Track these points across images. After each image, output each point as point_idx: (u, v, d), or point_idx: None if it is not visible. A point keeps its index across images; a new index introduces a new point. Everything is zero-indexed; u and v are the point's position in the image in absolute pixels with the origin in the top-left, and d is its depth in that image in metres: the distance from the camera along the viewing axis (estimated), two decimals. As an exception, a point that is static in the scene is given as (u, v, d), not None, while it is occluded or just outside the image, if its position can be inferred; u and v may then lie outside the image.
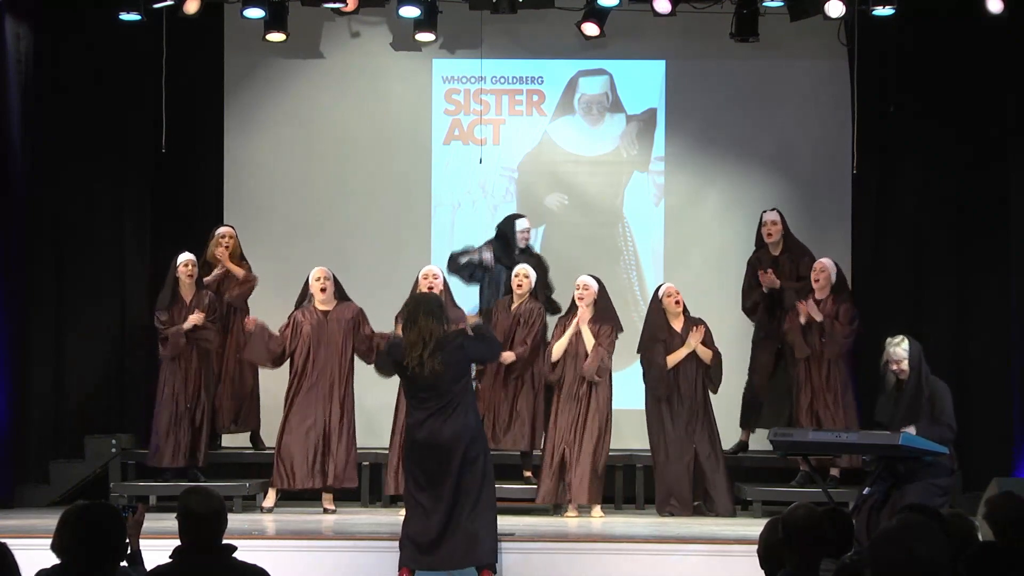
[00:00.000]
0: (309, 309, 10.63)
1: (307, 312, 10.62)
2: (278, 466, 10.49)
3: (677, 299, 10.76)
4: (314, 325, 10.54)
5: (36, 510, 10.77)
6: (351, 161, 12.53)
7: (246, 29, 11.81)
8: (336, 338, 10.54)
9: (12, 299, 11.13)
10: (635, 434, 11.53)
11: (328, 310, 10.61)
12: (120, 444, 11.28)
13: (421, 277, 10.62)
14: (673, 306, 10.75)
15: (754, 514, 10.53)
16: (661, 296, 10.84)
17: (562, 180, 12.57)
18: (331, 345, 10.53)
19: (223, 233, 11.38)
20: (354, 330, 10.57)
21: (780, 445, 9.44)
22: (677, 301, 10.76)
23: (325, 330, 10.54)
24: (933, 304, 11.77)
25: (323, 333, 10.53)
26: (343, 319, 10.58)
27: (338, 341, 10.54)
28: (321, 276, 10.62)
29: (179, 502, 5.21)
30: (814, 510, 5.26)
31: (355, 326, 10.58)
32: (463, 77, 12.55)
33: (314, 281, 10.62)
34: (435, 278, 10.58)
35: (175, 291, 10.95)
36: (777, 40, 11.91)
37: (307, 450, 10.46)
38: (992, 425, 11.28)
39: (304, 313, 10.62)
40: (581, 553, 8.97)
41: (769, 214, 11.45)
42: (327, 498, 10.59)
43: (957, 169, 11.80)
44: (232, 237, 11.38)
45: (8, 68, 11.11)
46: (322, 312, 10.60)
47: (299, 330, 10.54)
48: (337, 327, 10.55)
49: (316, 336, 10.52)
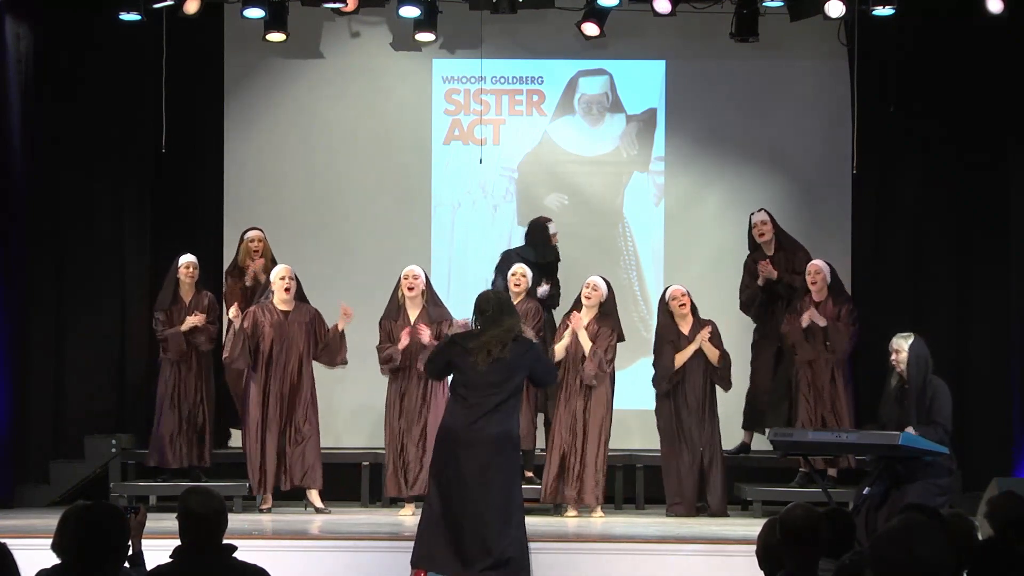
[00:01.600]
0: (268, 307, 10.56)
1: (266, 310, 10.54)
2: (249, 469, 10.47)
3: (682, 302, 10.74)
4: (274, 325, 10.49)
5: (36, 510, 10.77)
6: (351, 161, 12.52)
7: (246, 29, 11.81)
8: (297, 339, 10.48)
9: (12, 299, 11.13)
10: (635, 434, 11.55)
11: (288, 310, 10.55)
12: (120, 444, 11.29)
13: (401, 277, 10.58)
14: (678, 308, 10.74)
15: (754, 514, 10.54)
16: (667, 299, 10.82)
17: (562, 180, 12.57)
18: (292, 346, 10.47)
19: (252, 237, 11.33)
20: (313, 333, 10.52)
21: (780, 445, 9.45)
22: (682, 304, 10.74)
23: (286, 331, 10.48)
24: (933, 304, 11.77)
25: (284, 333, 10.47)
26: (302, 321, 10.52)
27: (299, 342, 10.48)
28: (286, 275, 10.54)
29: (179, 502, 5.21)
30: (811, 510, 5.26)
31: (314, 329, 10.53)
32: (463, 77, 12.55)
33: (279, 280, 10.53)
34: (415, 278, 10.55)
35: (175, 292, 10.95)
36: (777, 40, 11.91)
37: (271, 451, 10.41)
38: (992, 425, 11.29)
39: (263, 311, 10.54)
40: (581, 553, 8.97)
41: (758, 215, 11.46)
42: (315, 497, 10.55)
43: (957, 169, 11.80)
44: (262, 240, 11.35)
45: (8, 68, 11.12)
46: (282, 312, 10.54)
47: (260, 330, 10.48)
48: (298, 329, 10.49)
49: (277, 336, 10.47)
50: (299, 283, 10.65)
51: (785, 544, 5.15)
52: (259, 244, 11.33)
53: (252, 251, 11.29)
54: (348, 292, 10.88)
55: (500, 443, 8.06)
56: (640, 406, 11.43)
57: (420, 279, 10.57)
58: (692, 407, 10.66)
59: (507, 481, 8.09)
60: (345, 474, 11.26)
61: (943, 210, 11.86)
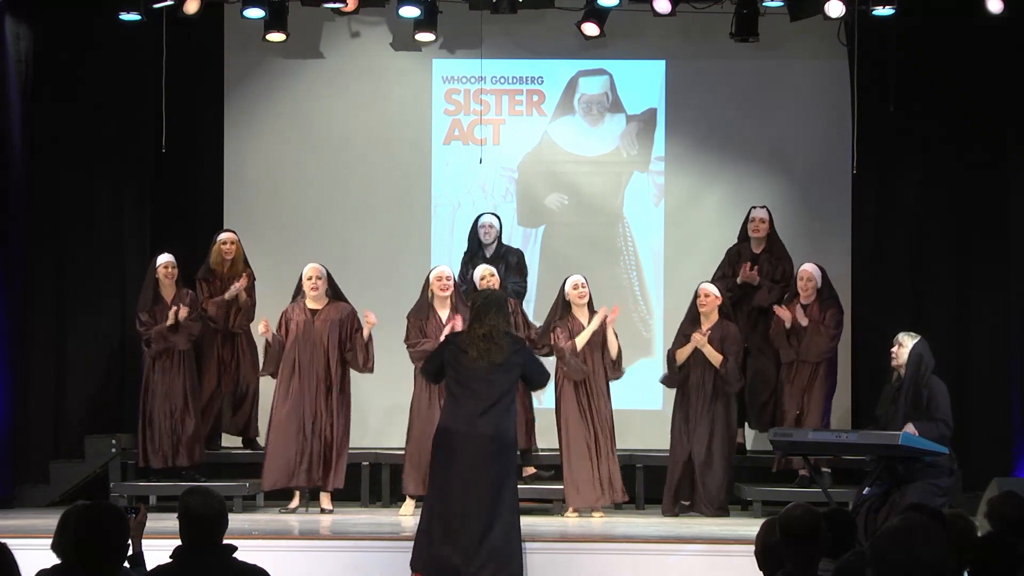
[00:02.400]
0: (299, 306, 10.59)
1: (296, 309, 10.57)
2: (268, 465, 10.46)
3: (704, 301, 10.70)
4: (300, 324, 10.50)
5: (36, 510, 10.78)
6: (351, 161, 12.52)
7: (246, 29, 11.81)
8: (321, 338, 10.46)
9: (12, 299, 11.13)
10: (635, 434, 11.54)
11: (317, 309, 10.56)
12: (120, 444, 11.28)
13: (434, 278, 10.56)
14: (701, 307, 10.69)
15: (754, 514, 10.53)
16: (697, 294, 10.77)
17: (562, 180, 12.57)
18: (316, 345, 10.46)
19: (225, 239, 11.32)
20: (343, 331, 10.50)
21: (780, 445, 9.46)
22: (703, 303, 10.71)
23: (312, 330, 10.48)
24: (933, 304, 11.77)
25: (309, 333, 10.47)
26: (331, 319, 10.51)
27: (323, 341, 10.46)
28: (313, 275, 10.56)
29: (180, 502, 5.21)
30: (811, 510, 5.26)
31: (344, 327, 10.50)
32: (463, 77, 12.55)
33: (306, 280, 10.57)
34: (448, 279, 10.57)
35: (156, 292, 10.92)
36: (777, 40, 11.91)
37: (295, 450, 10.40)
38: (992, 425, 11.29)
39: (294, 310, 10.58)
40: (581, 553, 8.97)
41: (758, 211, 11.47)
42: (324, 498, 10.57)
43: (957, 169, 11.80)
44: (235, 243, 11.34)
45: (8, 68, 11.12)
46: (311, 311, 10.56)
47: (287, 329, 10.52)
48: (324, 327, 10.48)
49: (302, 335, 10.47)
50: (332, 280, 10.65)
51: (785, 544, 5.15)
52: (232, 247, 11.29)
53: (224, 253, 11.25)
54: (348, 292, 10.84)
55: (495, 443, 8.11)
56: (640, 406, 11.43)
57: (452, 280, 10.60)
58: (694, 405, 10.62)
59: (500, 480, 8.14)
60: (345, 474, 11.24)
61: (943, 210, 11.86)
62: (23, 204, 11.30)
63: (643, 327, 12.29)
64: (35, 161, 11.47)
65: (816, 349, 10.75)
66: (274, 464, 10.43)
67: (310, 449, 10.42)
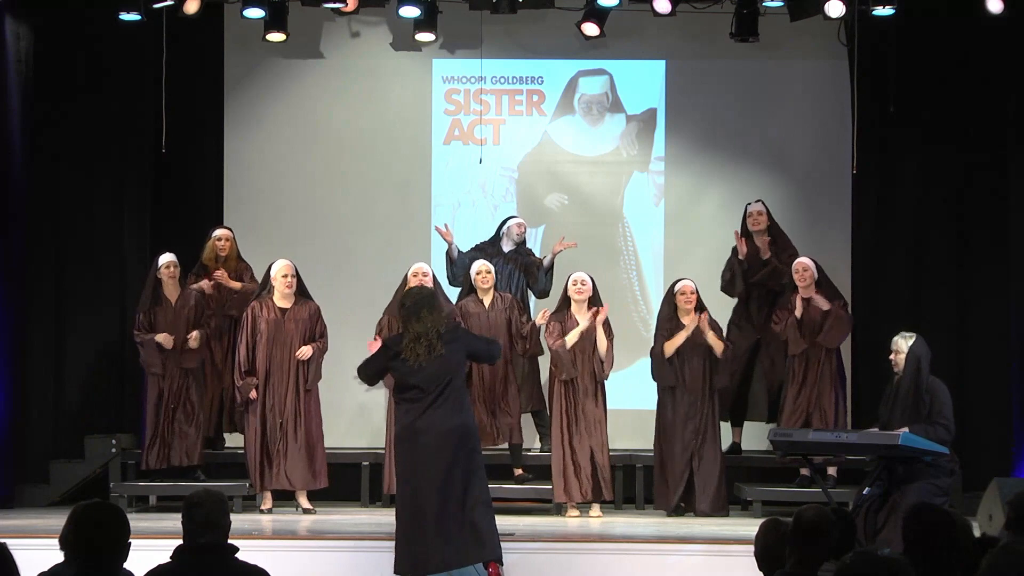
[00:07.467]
0: (267, 304, 10.53)
1: (264, 307, 10.52)
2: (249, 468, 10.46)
3: (689, 299, 10.70)
4: (271, 323, 10.48)
5: (36, 510, 10.79)
6: (351, 161, 12.52)
7: (246, 29, 11.81)
8: (293, 337, 10.46)
9: (12, 299, 11.14)
10: (635, 434, 11.53)
11: (287, 307, 10.54)
12: (120, 444, 11.28)
13: (411, 275, 10.61)
14: (684, 304, 10.71)
15: (754, 514, 10.52)
16: (676, 291, 10.77)
17: (562, 180, 12.58)
18: (287, 345, 10.45)
19: (220, 236, 11.32)
20: (309, 331, 10.49)
21: (780, 445, 9.45)
22: (688, 300, 10.70)
23: (282, 329, 10.46)
24: (933, 304, 11.78)
25: (280, 332, 10.46)
26: (300, 318, 10.51)
27: (295, 340, 10.46)
28: (288, 273, 10.51)
29: (184, 503, 5.22)
30: (823, 511, 5.29)
31: (310, 326, 10.50)
32: (463, 77, 12.55)
33: (281, 278, 10.51)
34: (424, 276, 10.58)
35: (157, 292, 10.90)
36: (777, 40, 11.92)
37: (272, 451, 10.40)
38: (992, 425, 11.29)
39: (262, 308, 10.52)
40: (581, 553, 8.97)
41: (754, 205, 11.50)
42: (301, 496, 10.53)
43: (957, 169, 11.80)
44: (229, 239, 11.33)
45: (8, 68, 11.12)
46: (280, 309, 10.53)
47: (255, 328, 10.48)
48: (294, 326, 10.48)
49: (272, 334, 10.45)
50: (300, 278, 10.64)
51: (794, 542, 5.17)
52: (226, 244, 11.29)
53: (218, 249, 11.25)
54: (348, 292, 10.88)
55: (454, 437, 8.12)
56: (639, 406, 11.42)
57: (429, 276, 10.61)
58: (687, 400, 10.62)
59: (467, 469, 8.16)
60: (345, 474, 11.26)
61: (943, 210, 11.86)
62: (23, 204, 11.30)
63: (643, 327, 12.29)
64: (35, 161, 11.47)
65: (838, 334, 10.74)
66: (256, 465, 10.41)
67: (285, 449, 10.41)
